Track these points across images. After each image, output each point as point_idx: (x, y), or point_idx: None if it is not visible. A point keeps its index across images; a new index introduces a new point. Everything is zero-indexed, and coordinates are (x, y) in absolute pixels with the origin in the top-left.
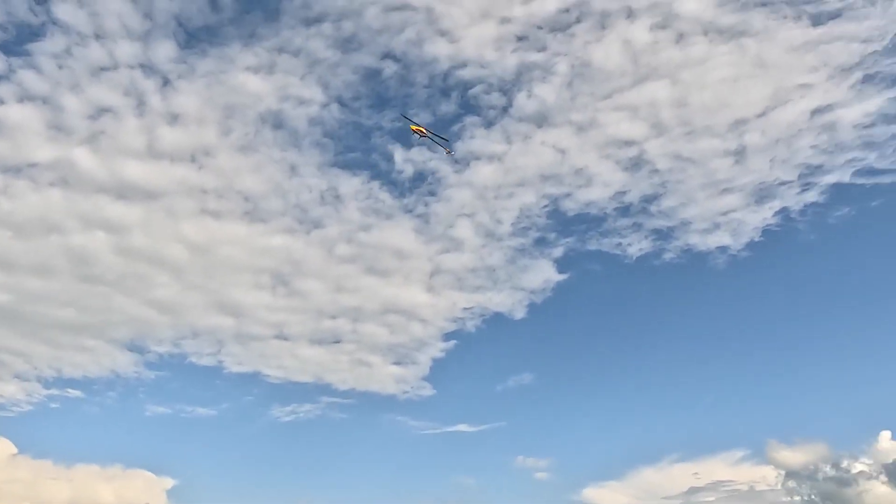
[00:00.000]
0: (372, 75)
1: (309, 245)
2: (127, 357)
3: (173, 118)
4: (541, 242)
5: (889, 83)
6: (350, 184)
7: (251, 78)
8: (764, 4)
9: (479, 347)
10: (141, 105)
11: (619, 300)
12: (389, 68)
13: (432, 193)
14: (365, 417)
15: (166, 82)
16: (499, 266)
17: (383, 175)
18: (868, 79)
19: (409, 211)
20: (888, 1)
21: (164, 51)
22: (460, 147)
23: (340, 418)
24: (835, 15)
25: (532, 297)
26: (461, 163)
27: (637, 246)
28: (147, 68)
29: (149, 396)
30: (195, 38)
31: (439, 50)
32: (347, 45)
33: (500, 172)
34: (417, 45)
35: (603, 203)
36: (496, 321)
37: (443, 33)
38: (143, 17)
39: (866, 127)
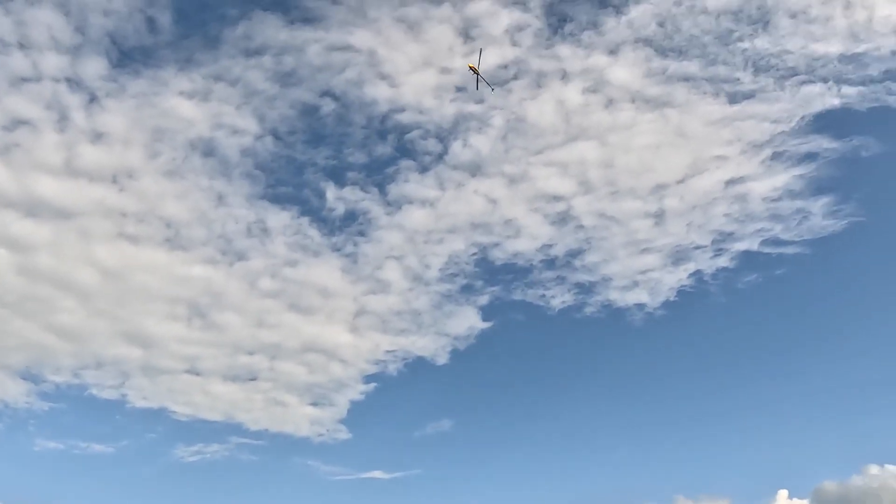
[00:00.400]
0: (309, 111)
1: (231, 277)
2: (19, 386)
3: (97, 136)
4: (467, 289)
5: (795, 161)
6: (279, 218)
7: (184, 103)
8: (686, 80)
9: (399, 391)
10: (63, 120)
11: (540, 351)
12: (328, 106)
13: (362, 234)
14: (275, 460)
15: (93, 99)
16: (424, 310)
17: (314, 211)
18: (777, 156)
19: (337, 249)
20: (796, 87)
21: (94, 67)
22: (393, 190)
23: (249, 460)
24: (749, 95)
25: (456, 344)
26: (393, 205)
27: (560, 298)
28: (73, 83)
29: (39, 429)
30: (129, 57)
31: (379, 93)
32: (287, 79)
33: (432, 218)
34: (357, 86)
35: (530, 255)
36: (418, 366)
37: (384, 77)
38: (75, 31)
39: (774, 200)
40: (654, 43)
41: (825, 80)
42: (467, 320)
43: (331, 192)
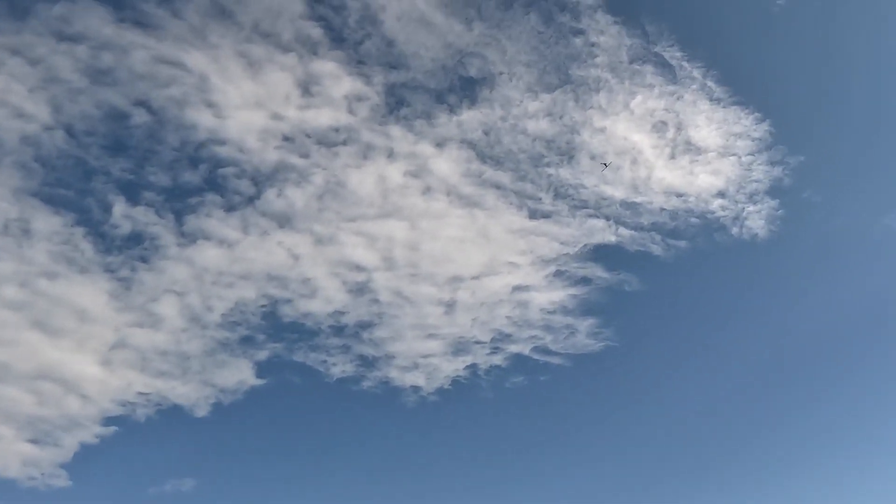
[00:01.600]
0: (117, 117)
1: None
2: None
3: None
4: (247, 341)
5: (572, 282)
6: (48, 221)
7: None
8: (498, 188)
9: (143, 440)
10: None
11: (309, 418)
12: (140, 117)
13: (144, 259)
14: None
15: None
16: (194, 355)
17: (93, 224)
18: (559, 274)
19: (110, 270)
20: (584, 218)
21: None
22: (192, 221)
23: None
24: (546, 215)
25: (221, 397)
26: (188, 237)
27: (341, 367)
28: None
29: None
30: None
31: (202, 119)
32: (100, 77)
33: (228, 260)
34: (179, 106)
35: (321, 318)
36: (173, 414)
37: (210, 105)
38: None
39: (549, 312)
40: (476, 147)
41: (608, 219)
42: (239, 373)
43: (119, 207)
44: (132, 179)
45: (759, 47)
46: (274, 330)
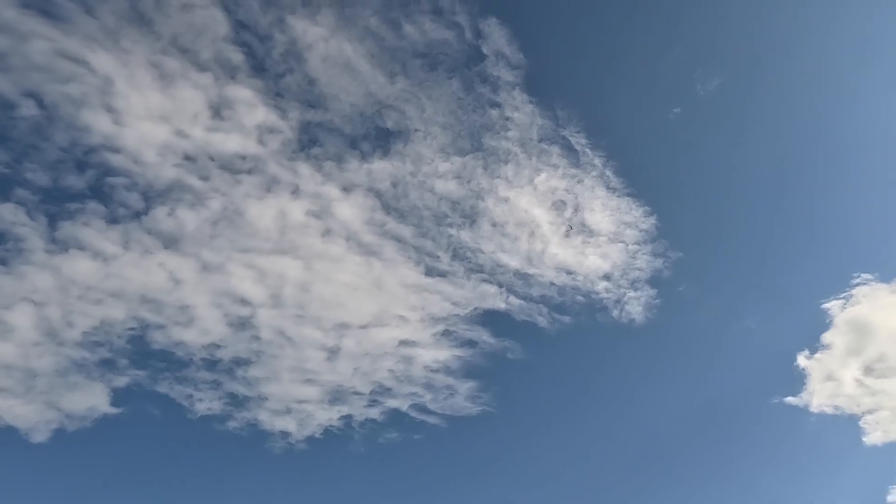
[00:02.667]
0: (3, 105)
1: None
2: None
3: None
4: (107, 365)
5: (458, 344)
6: None
7: None
8: (398, 241)
9: None
10: None
11: (163, 454)
12: (29, 109)
13: (4, 262)
14: None
15: None
16: (43, 373)
17: None
18: (447, 333)
19: None
20: (478, 282)
21: None
22: (67, 228)
23: None
24: (442, 274)
25: (66, 423)
26: (59, 244)
27: (208, 404)
28: None
29: None
30: None
31: (98, 123)
32: None
33: (100, 274)
34: (75, 105)
35: (194, 349)
36: (4, 436)
37: (110, 110)
38: None
39: (432, 371)
40: (383, 198)
41: (500, 286)
42: (92, 399)
43: None
44: (6, 173)
45: (655, 149)
46: (139, 356)
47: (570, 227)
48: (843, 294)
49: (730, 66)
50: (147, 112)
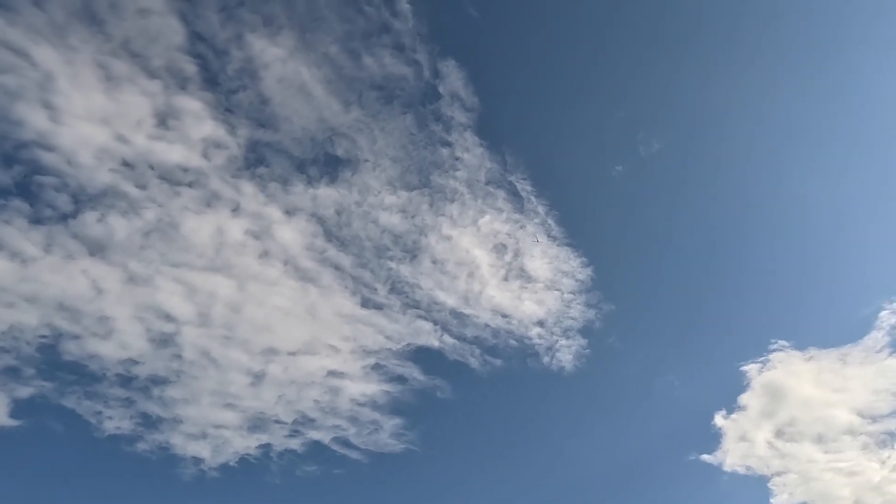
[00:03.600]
0: None
1: None
2: None
3: None
4: (11, 373)
5: (388, 379)
6: None
7: None
8: (337, 269)
9: None
10: None
11: (61, 473)
12: None
13: None
14: None
15: None
16: None
17: None
18: (377, 367)
19: None
20: (413, 318)
21: None
22: None
23: None
24: (378, 307)
25: None
26: None
27: (117, 423)
28: None
29: None
30: None
31: (34, 119)
32: None
33: (16, 276)
34: (10, 98)
35: (109, 364)
36: None
37: (49, 107)
38: None
39: (359, 404)
40: (325, 225)
41: (435, 323)
42: None
43: None
44: None
45: (596, 203)
46: (48, 366)
47: (536, 240)
48: (761, 358)
49: (672, 133)
50: (87, 113)
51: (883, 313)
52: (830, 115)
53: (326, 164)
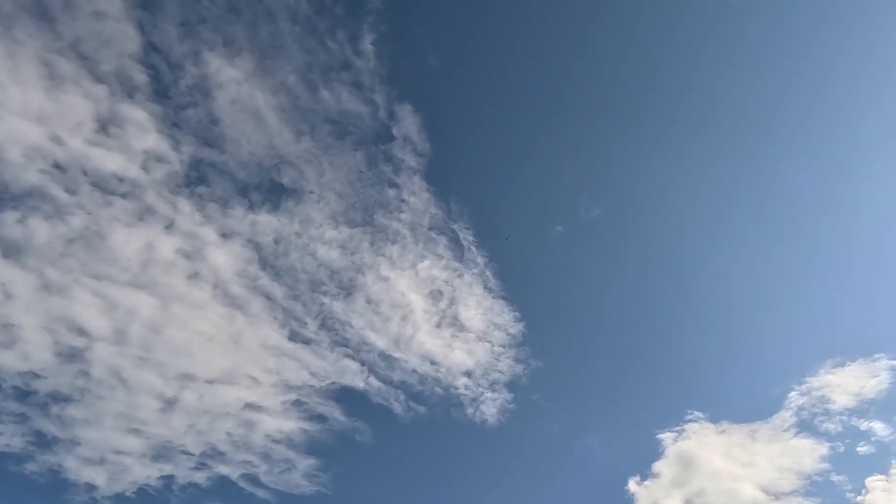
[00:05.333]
0: None
1: None
2: None
3: None
4: None
5: (308, 416)
6: None
7: None
8: (268, 298)
9: None
10: None
11: None
12: None
13: None
14: None
15: None
16: None
17: None
18: (298, 404)
19: None
20: (341, 356)
21: None
22: None
23: None
24: (307, 341)
25: None
26: None
27: (6, 439)
28: None
29: None
30: None
31: None
32: None
33: None
34: None
35: (7, 375)
36: None
37: None
38: None
39: (274, 441)
40: (262, 251)
41: (363, 364)
42: None
43: None
44: None
45: (534, 260)
46: None
47: (507, 238)
48: (677, 427)
49: (612, 200)
50: (24, 109)
51: (792, 394)
52: (757, 199)
53: (270, 191)
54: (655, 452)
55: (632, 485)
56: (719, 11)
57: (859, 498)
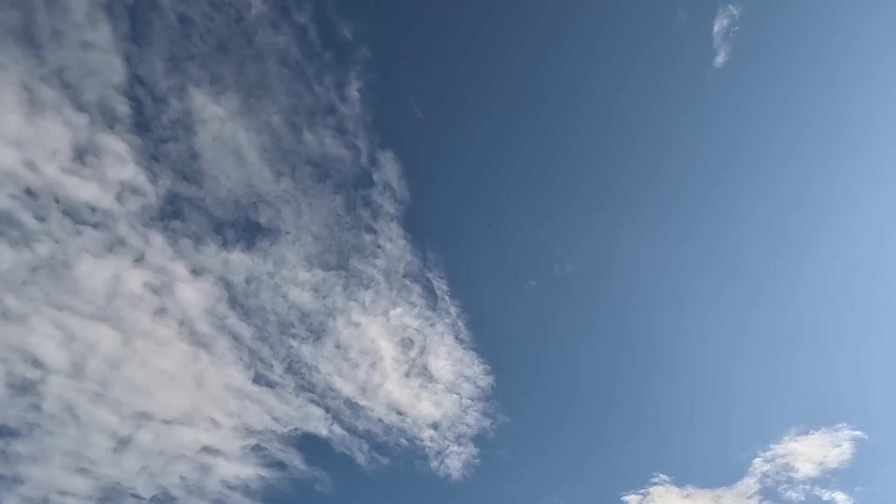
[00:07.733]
0: None
1: None
2: None
3: None
4: None
5: (267, 463)
6: None
7: None
8: (235, 338)
9: None
10: None
11: None
12: None
13: None
14: None
15: None
16: None
17: None
18: (257, 449)
19: None
20: (306, 401)
21: None
22: None
23: None
24: (271, 385)
25: None
26: None
27: None
28: None
29: None
30: None
31: None
32: None
33: None
34: None
35: None
36: None
37: None
38: None
39: (229, 487)
40: (232, 290)
41: (327, 410)
42: None
43: None
44: None
45: (506, 314)
46: None
47: (489, 224)
48: (642, 490)
49: (586, 258)
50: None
51: (756, 460)
52: (724, 266)
53: (246, 229)
54: None
55: None
56: (690, 81)
57: None
